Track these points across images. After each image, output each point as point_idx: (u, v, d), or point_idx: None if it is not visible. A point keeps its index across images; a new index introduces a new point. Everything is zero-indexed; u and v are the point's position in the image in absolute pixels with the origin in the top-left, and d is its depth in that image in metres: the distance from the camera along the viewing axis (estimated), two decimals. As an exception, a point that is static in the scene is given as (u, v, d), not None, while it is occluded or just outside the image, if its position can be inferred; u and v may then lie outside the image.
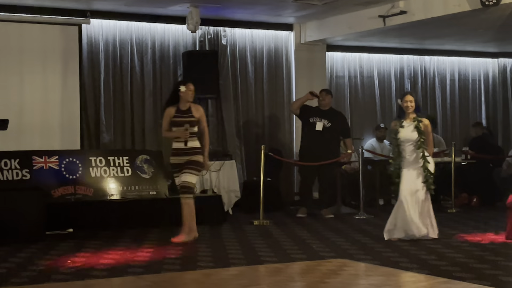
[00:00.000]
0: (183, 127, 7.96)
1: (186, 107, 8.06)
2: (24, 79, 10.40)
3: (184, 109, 8.05)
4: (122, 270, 6.38)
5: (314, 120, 10.43)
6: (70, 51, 10.71)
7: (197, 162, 8.05)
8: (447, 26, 11.16)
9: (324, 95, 10.56)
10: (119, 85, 11.11)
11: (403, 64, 13.84)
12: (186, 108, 8.06)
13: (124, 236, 8.52)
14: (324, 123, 10.41)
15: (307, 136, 10.51)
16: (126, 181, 9.73)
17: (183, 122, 7.99)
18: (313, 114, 10.49)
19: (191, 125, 8.02)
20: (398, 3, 10.31)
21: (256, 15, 11.47)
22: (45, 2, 10.24)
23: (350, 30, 11.47)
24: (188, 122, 7.99)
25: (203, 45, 11.64)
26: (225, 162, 10.81)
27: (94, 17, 10.81)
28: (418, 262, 6.62)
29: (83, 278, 6.03)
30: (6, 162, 9.05)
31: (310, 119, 10.46)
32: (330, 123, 10.42)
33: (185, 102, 8.04)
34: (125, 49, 11.14)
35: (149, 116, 11.25)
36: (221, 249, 7.56)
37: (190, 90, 8.07)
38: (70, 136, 10.64)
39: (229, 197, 10.76)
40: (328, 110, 10.56)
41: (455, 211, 10.99)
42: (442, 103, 14.19)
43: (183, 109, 8.05)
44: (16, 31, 10.36)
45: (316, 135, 10.38)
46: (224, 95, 11.74)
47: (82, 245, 7.82)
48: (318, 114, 10.48)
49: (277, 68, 12.29)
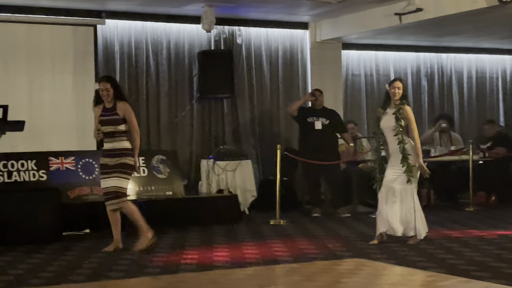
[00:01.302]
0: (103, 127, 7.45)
1: (110, 104, 7.52)
2: (40, 80, 10.45)
3: (109, 107, 7.51)
4: (138, 270, 6.39)
5: (313, 120, 10.51)
6: (86, 51, 10.75)
7: (126, 165, 7.49)
8: (464, 23, 11.10)
9: (318, 94, 10.65)
10: (135, 85, 11.14)
11: (420, 61, 13.78)
12: (111, 106, 7.52)
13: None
14: (322, 121, 10.52)
15: (307, 136, 10.55)
16: (142, 181, 9.76)
17: (107, 121, 7.47)
18: (310, 114, 10.58)
19: (115, 124, 7.46)
20: (414, 1, 10.26)
21: (271, 14, 11.46)
22: (60, 3, 10.28)
23: (365, 28, 11.44)
24: (112, 120, 7.45)
25: (218, 44, 11.64)
26: (241, 162, 10.82)
27: (109, 18, 10.85)
28: (436, 261, 6.59)
29: (99, 279, 6.06)
30: (23, 163, 9.11)
31: (308, 119, 10.52)
32: (328, 121, 10.54)
33: (105, 100, 7.50)
34: (140, 49, 11.17)
35: (164, 116, 11.28)
36: (237, 249, 7.55)
37: (103, 89, 7.49)
38: (86, 137, 10.64)
39: (245, 197, 10.77)
40: (322, 109, 10.68)
41: (473, 209, 10.93)
42: (460, 100, 14.11)
43: (107, 107, 7.52)
44: (33, 33, 10.41)
45: (316, 134, 10.45)
46: (239, 94, 11.74)
47: (98, 246, 7.85)
48: (315, 113, 10.58)
49: (293, 67, 12.27)
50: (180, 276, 6.13)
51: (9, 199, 8.17)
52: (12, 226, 7.98)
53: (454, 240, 7.89)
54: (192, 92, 11.51)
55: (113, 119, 7.46)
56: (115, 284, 5.90)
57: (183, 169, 10.92)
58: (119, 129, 7.49)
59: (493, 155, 11.95)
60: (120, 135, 7.51)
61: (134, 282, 5.98)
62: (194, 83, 11.50)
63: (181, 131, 11.42)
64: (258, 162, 11.82)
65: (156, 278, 6.05)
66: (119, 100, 7.55)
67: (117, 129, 7.47)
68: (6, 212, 8.02)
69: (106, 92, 7.47)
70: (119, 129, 7.49)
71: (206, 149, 11.46)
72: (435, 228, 8.94)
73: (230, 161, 10.74)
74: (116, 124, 7.47)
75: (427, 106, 13.75)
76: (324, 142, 10.44)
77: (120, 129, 7.49)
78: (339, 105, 12.10)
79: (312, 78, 12.30)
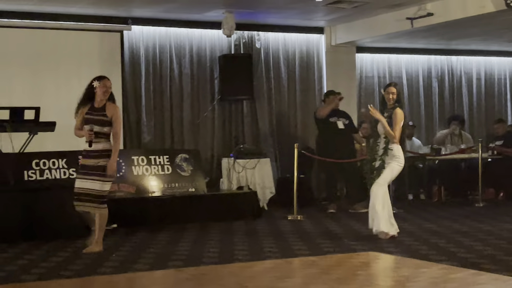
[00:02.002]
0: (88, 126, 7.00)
1: (100, 104, 7.07)
2: (70, 84, 10.45)
3: (98, 107, 7.06)
4: (162, 263, 6.40)
5: (335, 120, 10.50)
6: (113, 56, 10.79)
7: (104, 167, 7.06)
8: (473, 26, 11.02)
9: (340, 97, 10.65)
10: (159, 88, 11.16)
11: (431, 64, 13.70)
12: (101, 106, 7.06)
13: (165, 231, 8.54)
14: (343, 121, 10.57)
15: (331, 136, 10.50)
16: (166, 178, 9.76)
17: (94, 120, 7.02)
18: (331, 114, 10.53)
19: (101, 125, 7.03)
20: (425, 6, 10.21)
21: (288, 19, 11.43)
22: (88, 10, 10.31)
23: (378, 32, 11.39)
24: (99, 121, 7.02)
25: (238, 48, 11.64)
26: (260, 160, 10.81)
27: (135, 24, 10.87)
28: (447, 255, 6.54)
29: (126, 271, 6.06)
30: (54, 161, 9.14)
31: (330, 119, 10.49)
32: (347, 121, 10.60)
33: (99, 99, 7.06)
34: (164, 53, 11.18)
35: (187, 117, 11.28)
36: (256, 243, 7.54)
37: (105, 87, 7.08)
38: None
39: (264, 193, 10.76)
40: (340, 110, 10.68)
41: (482, 205, 10.86)
42: (469, 101, 14.01)
43: (96, 106, 7.05)
44: (62, 39, 10.45)
45: (339, 133, 10.48)
46: (258, 96, 11.73)
47: (125, 240, 7.88)
48: (335, 114, 10.57)
49: (309, 70, 12.24)
50: (202, 268, 6.12)
51: (41, 196, 8.20)
52: (44, 222, 8.01)
53: (465, 235, 7.83)
54: (213, 94, 11.51)
55: (100, 120, 7.02)
56: (141, 276, 5.90)
57: (205, 167, 10.93)
58: (104, 131, 7.05)
59: (504, 153, 11.86)
60: (103, 136, 7.07)
61: (159, 274, 5.98)
62: (215, 86, 11.50)
63: (203, 131, 11.43)
64: (276, 160, 11.79)
65: (180, 270, 6.05)
66: (110, 102, 7.14)
67: (103, 130, 7.03)
68: (38, 209, 8.07)
69: (107, 91, 7.07)
70: (104, 131, 7.05)
71: (227, 148, 11.45)
72: (446, 223, 8.91)
73: (249, 159, 10.73)
74: (102, 125, 7.03)
75: (437, 106, 13.67)
76: (346, 140, 10.54)
77: (105, 130, 7.06)
78: (353, 106, 12.05)
79: (327, 81, 12.26)
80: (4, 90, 9.95)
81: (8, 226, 7.85)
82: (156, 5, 10.12)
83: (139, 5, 10.20)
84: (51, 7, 10.03)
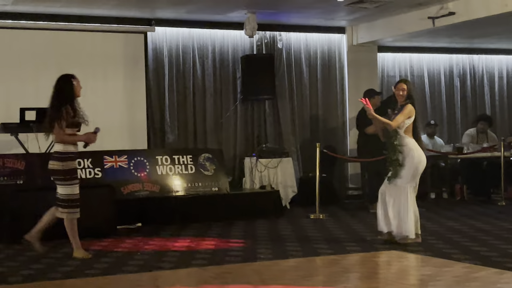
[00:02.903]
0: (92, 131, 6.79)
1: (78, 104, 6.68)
2: (93, 85, 10.48)
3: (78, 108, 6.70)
4: (187, 261, 6.42)
5: None
6: (137, 57, 10.84)
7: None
8: (495, 25, 10.92)
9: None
10: (182, 88, 11.19)
11: (452, 63, 13.60)
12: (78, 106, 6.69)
13: (189, 229, 8.57)
14: None
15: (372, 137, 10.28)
16: (190, 178, 9.79)
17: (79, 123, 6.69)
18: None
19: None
20: (446, 5, 10.14)
21: (310, 19, 11.41)
22: (113, 12, 10.37)
23: (400, 31, 11.34)
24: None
25: (260, 49, 11.64)
26: (282, 159, 10.81)
27: (158, 25, 10.91)
28: (470, 254, 6.50)
29: (150, 270, 6.09)
30: (80, 161, 9.18)
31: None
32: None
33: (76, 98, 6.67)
34: (187, 54, 11.22)
35: (210, 117, 11.31)
36: (279, 242, 7.54)
37: (78, 84, 6.78)
38: (137, 137, 10.76)
39: (286, 192, 10.75)
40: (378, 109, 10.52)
41: (505, 204, 10.77)
42: (491, 100, 13.90)
43: (77, 108, 6.71)
44: (88, 40, 10.51)
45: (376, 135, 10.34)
46: (280, 96, 11.72)
47: (150, 239, 7.90)
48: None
49: (330, 69, 12.21)
50: (226, 267, 6.13)
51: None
52: (70, 220, 8.05)
53: (487, 233, 7.77)
54: (235, 94, 11.53)
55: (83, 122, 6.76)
56: (166, 274, 5.93)
57: (228, 167, 10.94)
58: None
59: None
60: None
61: (184, 272, 6.00)
62: (238, 86, 11.51)
63: (226, 130, 11.45)
64: (298, 160, 11.78)
65: (204, 269, 6.07)
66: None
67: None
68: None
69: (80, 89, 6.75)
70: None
71: (249, 147, 11.47)
72: (469, 222, 8.84)
73: (272, 158, 10.74)
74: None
75: (459, 105, 13.58)
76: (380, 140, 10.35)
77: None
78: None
79: (349, 80, 12.22)
80: (32, 91, 10.02)
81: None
82: (179, 6, 10.15)
83: (162, 7, 10.23)
84: (77, 9, 10.10)
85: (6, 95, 9.87)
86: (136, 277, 5.80)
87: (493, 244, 7.05)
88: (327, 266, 6.20)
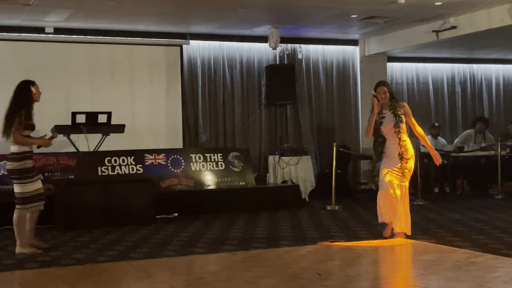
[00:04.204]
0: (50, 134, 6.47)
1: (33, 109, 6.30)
2: (136, 91, 10.60)
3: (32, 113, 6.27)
4: (217, 247, 6.44)
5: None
6: (173, 67, 10.87)
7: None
8: (492, 38, 10.82)
9: None
10: (213, 94, 11.22)
11: (454, 71, 13.50)
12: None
13: (219, 219, 8.60)
14: None
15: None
16: (220, 173, 9.82)
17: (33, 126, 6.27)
18: None
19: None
20: (449, 19, 10.06)
21: (326, 33, 11.38)
22: (153, 28, 10.42)
23: (407, 44, 11.27)
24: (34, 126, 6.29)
25: (282, 59, 11.63)
26: (302, 157, 10.79)
27: (192, 39, 10.95)
28: (470, 241, 6.44)
29: (185, 254, 6.12)
30: (124, 159, 9.27)
31: None
32: None
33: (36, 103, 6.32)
34: (218, 64, 11.24)
35: (238, 120, 11.33)
36: (299, 230, 7.54)
37: (38, 91, 6.28)
38: (174, 137, 10.80)
39: (306, 186, 10.74)
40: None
41: (501, 197, 10.66)
42: (489, 104, 13.77)
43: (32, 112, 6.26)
44: (132, 52, 10.57)
45: None
46: (300, 101, 11.71)
47: (185, 227, 7.94)
48: None
49: (345, 77, 12.17)
50: (252, 252, 6.14)
51: (112, 188, 8.29)
52: (116, 211, 8.10)
53: (485, 223, 7.70)
54: (260, 99, 11.53)
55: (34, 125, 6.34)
56: (199, 258, 5.95)
57: (254, 164, 10.95)
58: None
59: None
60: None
61: (215, 257, 6.02)
62: (262, 92, 11.52)
63: (252, 132, 11.46)
64: (316, 157, 11.76)
65: (233, 253, 6.08)
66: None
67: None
68: (110, 199, 8.16)
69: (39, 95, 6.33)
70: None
71: (272, 147, 11.46)
72: (469, 213, 8.77)
73: (292, 156, 10.73)
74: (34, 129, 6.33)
75: (461, 109, 13.47)
76: None
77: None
78: (384, 109, 11.93)
79: (361, 87, 12.18)
80: (83, 97, 10.13)
81: (85, 214, 7.98)
82: (211, 22, 10.19)
83: (196, 23, 10.27)
84: (122, 25, 10.16)
85: (60, 101, 9.94)
86: (173, 261, 5.83)
87: (490, 233, 6.98)
88: (342, 252, 6.18)
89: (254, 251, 6.18)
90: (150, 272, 5.29)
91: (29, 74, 9.90)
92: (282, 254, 6.02)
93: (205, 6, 9.06)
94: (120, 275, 5.28)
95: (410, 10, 9.45)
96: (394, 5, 9.06)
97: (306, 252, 6.13)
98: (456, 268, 5.17)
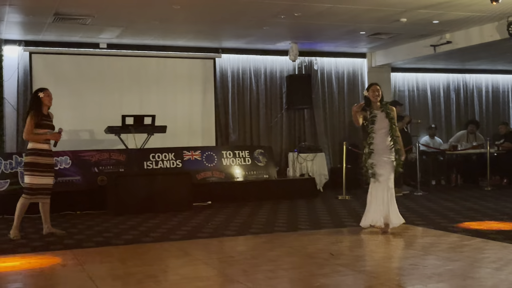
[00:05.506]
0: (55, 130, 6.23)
1: (46, 111, 6.27)
2: (176, 97, 10.67)
3: (47, 114, 6.27)
4: (245, 230, 6.45)
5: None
6: (208, 77, 10.91)
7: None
8: (483, 51, 10.70)
9: None
10: (241, 100, 11.24)
11: (449, 80, 13.35)
12: (47, 113, 6.27)
13: (246, 207, 8.61)
14: None
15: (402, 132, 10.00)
16: (247, 167, 9.84)
17: (49, 125, 6.23)
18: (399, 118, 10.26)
19: (52, 128, 6.26)
20: (445, 35, 9.96)
21: (339, 47, 11.33)
22: (190, 43, 10.48)
23: (408, 56, 11.18)
24: (51, 125, 6.26)
25: (301, 70, 11.61)
26: (317, 154, 10.77)
27: (224, 53, 10.98)
28: (462, 227, 6.37)
29: (218, 236, 6.14)
30: (166, 155, 9.34)
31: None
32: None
33: (46, 107, 6.25)
34: (245, 74, 11.25)
35: (262, 122, 11.32)
36: (314, 216, 7.52)
37: (48, 96, 6.22)
38: (208, 136, 10.84)
39: (320, 179, 10.71)
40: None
41: (490, 189, 10.52)
42: (479, 109, 13.61)
43: (45, 113, 6.24)
44: (171, 64, 10.63)
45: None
46: (316, 106, 11.67)
47: (217, 213, 7.96)
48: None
49: (354, 86, 12.10)
50: (274, 234, 6.14)
51: (156, 180, 8.35)
52: (159, 199, 8.16)
53: (476, 212, 7.60)
54: (282, 104, 11.52)
55: (51, 124, 6.29)
56: (230, 240, 5.96)
57: (276, 159, 10.95)
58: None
59: (505, 148, 11.50)
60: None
61: (242, 238, 6.03)
62: (283, 98, 11.50)
63: (274, 132, 11.45)
64: (329, 154, 11.71)
65: (258, 236, 6.09)
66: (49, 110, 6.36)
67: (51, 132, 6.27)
68: (154, 189, 8.22)
69: (51, 99, 6.29)
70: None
71: (292, 145, 11.45)
72: (461, 202, 8.67)
73: (309, 153, 10.71)
74: (52, 128, 6.28)
75: (455, 113, 13.32)
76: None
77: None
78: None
79: (368, 94, 12.10)
80: (132, 103, 10.22)
81: (132, 202, 8.05)
82: (239, 38, 10.21)
83: (227, 38, 10.30)
84: (165, 41, 10.22)
85: (112, 105, 10.06)
86: (207, 241, 5.86)
87: (480, 219, 6.90)
88: (351, 234, 6.16)
89: (276, 234, 6.18)
90: (187, 251, 5.32)
91: (86, 83, 10.12)
92: (299, 236, 6.02)
93: (234, 25, 9.09)
94: (163, 253, 5.32)
95: (411, 27, 9.38)
96: (397, 23, 9.01)
97: (321, 234, 6.12)
98: (450, 249, 5.12)
